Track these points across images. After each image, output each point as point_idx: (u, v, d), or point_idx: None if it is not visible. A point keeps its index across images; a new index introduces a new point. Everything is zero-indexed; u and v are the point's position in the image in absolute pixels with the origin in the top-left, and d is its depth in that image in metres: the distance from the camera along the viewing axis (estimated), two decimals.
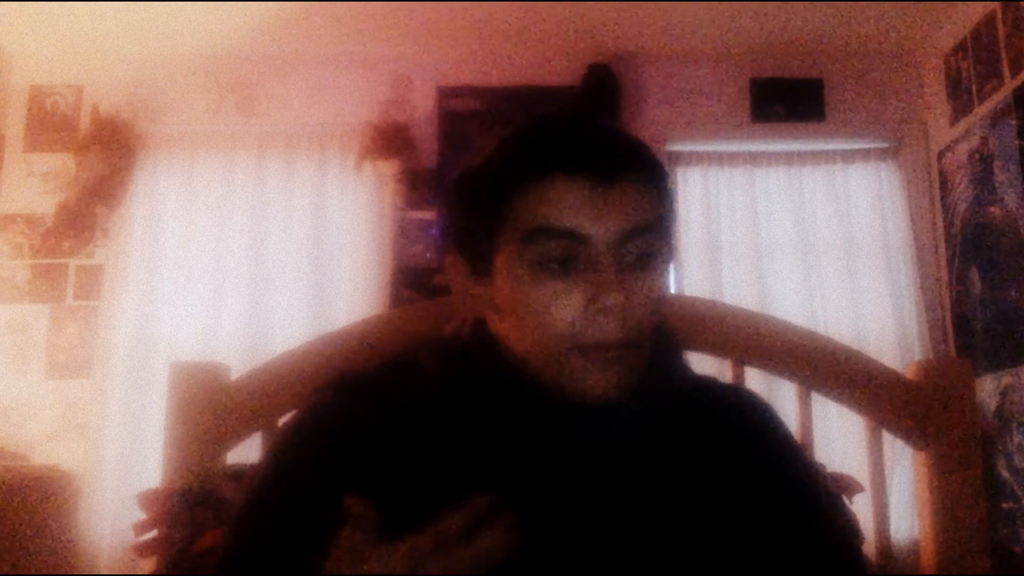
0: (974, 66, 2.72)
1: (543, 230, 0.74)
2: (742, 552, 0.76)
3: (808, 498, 0.84)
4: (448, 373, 0.83)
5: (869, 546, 1.24)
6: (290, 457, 0.82)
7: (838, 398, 1.28)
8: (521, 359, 0.78)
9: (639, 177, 0.77)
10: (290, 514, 0.77)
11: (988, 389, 2.55)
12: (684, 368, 0.89)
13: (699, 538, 0.75)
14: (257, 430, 1.25)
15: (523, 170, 0.76)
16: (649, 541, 0.74)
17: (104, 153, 2.86)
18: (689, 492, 0.77)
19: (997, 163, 2.58)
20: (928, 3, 2.79)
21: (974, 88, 2.72)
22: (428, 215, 2.94)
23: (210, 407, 1.23)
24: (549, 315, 0.74)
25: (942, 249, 2.91)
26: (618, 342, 0.74)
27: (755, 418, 0.86)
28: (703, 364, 1.49)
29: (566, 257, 0.74)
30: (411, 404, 0.80)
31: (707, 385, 0.90)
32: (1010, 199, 2.51)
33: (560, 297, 0.74)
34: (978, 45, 2.70)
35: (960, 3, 2.76)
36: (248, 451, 1.27)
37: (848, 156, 3.05)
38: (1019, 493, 2.42)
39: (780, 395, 2.04)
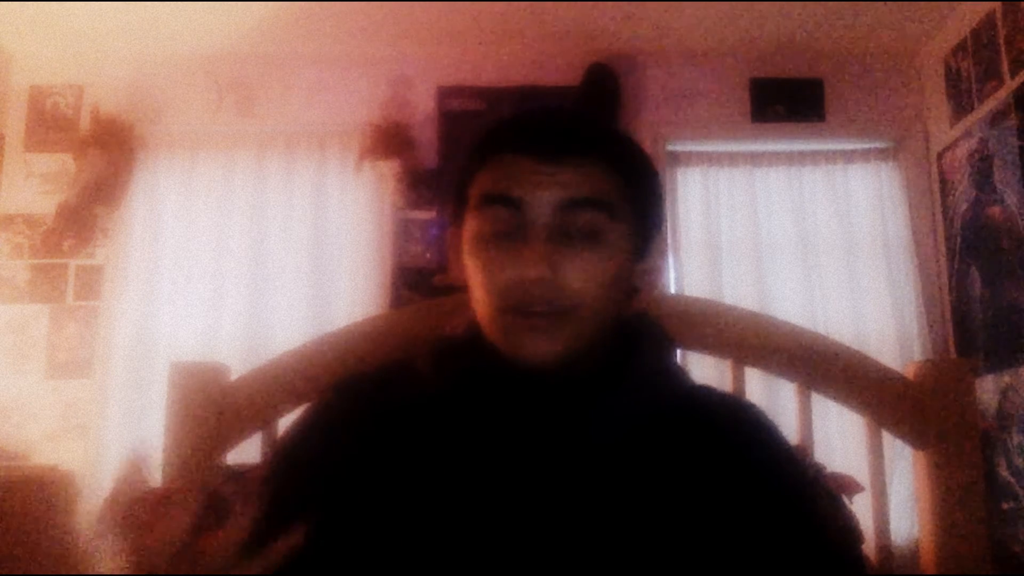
0: (974, 66, 2.72)
1: (488, 196, 0.80)
2: (733, 557, 0.76)
3: (804, 505, 0.83)
4: (443, 372, 0.84)
5: (869, 546, 1.24)
6: (292, 454, 0.84)
7: (838, 398, 1.28)
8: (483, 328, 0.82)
9: (588, 157, 0.80)
10: (290, 508, 0.78)
11: (988, 389, 2.55)
12: (676, 368, 0.89)
13: (683, 540, 0.75)
14: (257, 430, 1.25)
15: (485, 149, 0.83)
16: (632, 541, 0.74)
17: (104, 153, 2.86)
18: (676, 495, 0.77)
19: (997, 163, 2.58)
20: (928, 3, 2.79)
21: (974, 88, 2.72)
22: (428, 215, 2.94)
23: (210, 407, 1.23)
24: (486, 279, 0.79)
25: (942, 249, 2.91)
26: (544, 313, 0.77)
27: (750, 427, 0.85)
28: (703, 364, 1.50)
29: (507, 224, 0.79)
30: (408, 403, 0.81)
31: (703, 392, 0.90)
32: (1010, 199, 2.51)
33: (495, 263, 0.78)
34: (978, 45, 2.70)
35: (960, 3, 2.76)
36: (248, 451, 1.27)
37: (848, 156, 3.05)
38: (1019, 493, 2.42)
39: (780, 395, 2.05)
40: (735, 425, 0.84)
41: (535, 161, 0.79)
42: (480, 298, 0.80)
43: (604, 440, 0.78)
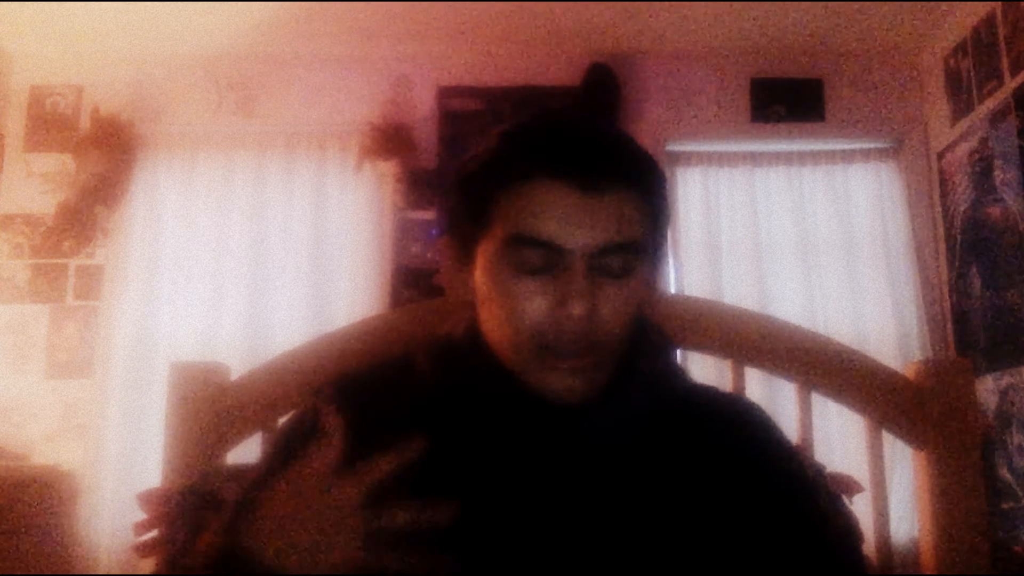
0: (974, 66, 2.72)
1: (523, 238, 0.75)
2: (736, 556, 0.76)
3: (805, 504, 0.83)
4: (440, 374, 0.83)
5: (869, 546, 1.24)
6: (285, 458, 0.82)
7: (838, 398, 1.28)
8: (500, 353, 0.80)
9: (628, 187, 0.77)
10: None
11: (988, 389, 2.55)
12: (675, 368, 0.89)
13: (686, 540, 0.75)
14: (257, 430, 1.25)
15: (510, 168, 0.77)
16: (635, 542, 0.74)
17: (104, 153, 2.86)
18: (678, 495, 0.77)
19: (997, 163, 2.58)
20: (928, 3, 2.79)
21: (974, 88, 2.72)
22: (428, 215, 2.94)
23: (210, 407, 1.23)
24: (518, 312, 0.76)
25: (942, 249, 2.91)
26: (579, 351, 0.75)
27: (751, 426, 0.85)
28: (703, 364, 1.49)
29: (543, 262, 0.75)
30: (404, 405, 0.81)
31: (704, 392, 0.90)
32: (1010, 199, 2.51)
33: (530, 297, 0.76)
34: (978, 45, 2.70)
35: (960, 3, 2.76)
36: (248, 451, 1.27)
37: (848, 156, 3.05)
38: (1019, 493, 2.42)
39: (780, 395, 2.05)
40: (736, 425, 0.84)
41: (572, 191, 0.74)
42: (503, 329, 0.78)
43: (607, 443, 0.78)
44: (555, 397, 0.77)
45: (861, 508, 1.24)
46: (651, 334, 0.87)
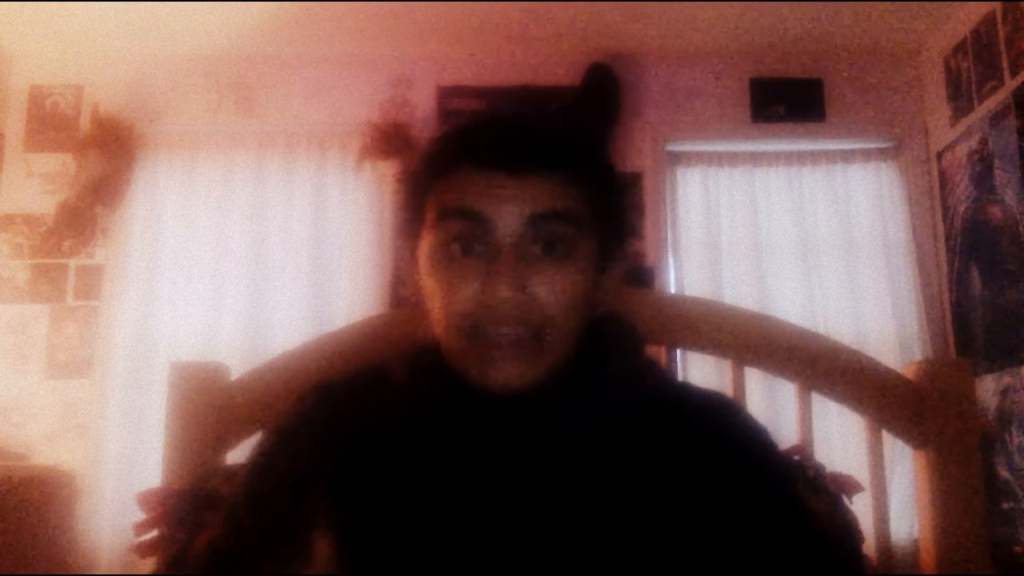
0: (974, 66, 2.72)
1: (447, 211, 0.76)
2: (721, 557, 0.75)
3: (791, 502, 0.82)
4: (413, 378, 0.83)
5: (869, 546, 1.24)
6: (270, 462, 0.84)
7: (838, 398, 1.28)
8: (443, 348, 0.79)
9: (557, 168, 0.76)
10: (270, 514, 0.80)
11: (988, 389, 2.55)
12: (649, 367, 0.87)
13: (666, 542, 0.74)
14: (257, 430, 1.25)
15: (440, 162, 0.79)
16: (616, 545, 0.73)
17: (104, 153, 2.86)
18: (658, 495, 0.75)
19: (997, 163, 2.58)
20: (928, 3, 2.79)
21: (974, 88, 2.72)
22: None
23: (210, 407, 1.23)
24: (447, 299, 0.75)
25: (942, 249, 2.91)
26: (510, 337, 0.73)
27: (730, 423, 0.83)
28: (703, 364, 1.50)
29: (468, 241, 0.75)
30: (380, 410, 0.81)
31: (682, 390, 0.88)
32: (1010, 199, 2.51)
33: (457, 282, 0.74)
34: (978, 45, 2.70)
35: (960, 3, 2.76)
36: (248, 451, 1.27)
37: (848, 156, 3.05)
38: (1019, 493, 2.42)
39: (780, 395, 2.05)
40: (715, 423, 0.82)
41: (498, 175, 0.74)
42: (439, 321, 0.77)
43: (571, 442, 0.76)
44: (496, 387, 0.74)
45: (861, 508, 1.24)
46: (624, 334, 0.86)
